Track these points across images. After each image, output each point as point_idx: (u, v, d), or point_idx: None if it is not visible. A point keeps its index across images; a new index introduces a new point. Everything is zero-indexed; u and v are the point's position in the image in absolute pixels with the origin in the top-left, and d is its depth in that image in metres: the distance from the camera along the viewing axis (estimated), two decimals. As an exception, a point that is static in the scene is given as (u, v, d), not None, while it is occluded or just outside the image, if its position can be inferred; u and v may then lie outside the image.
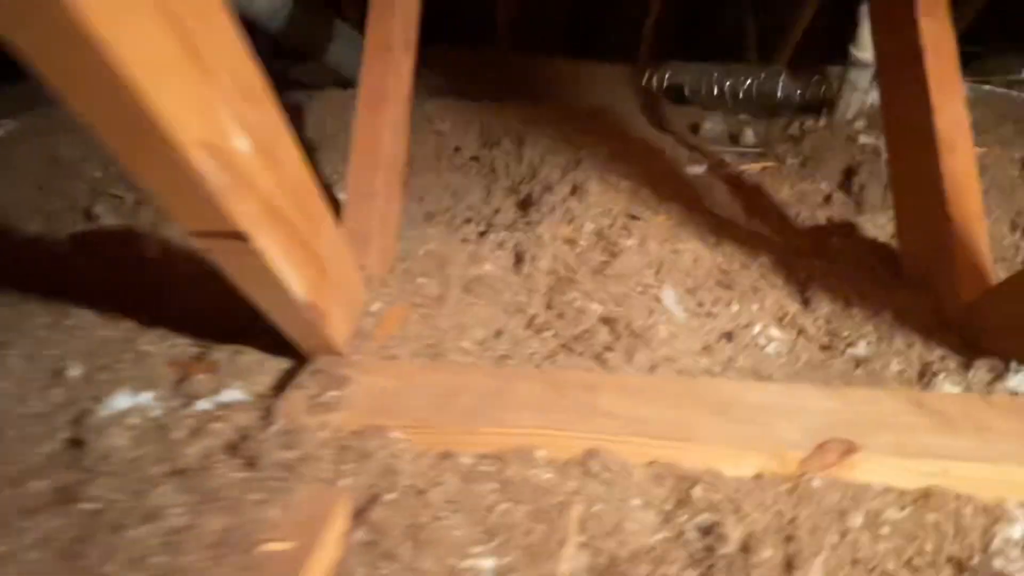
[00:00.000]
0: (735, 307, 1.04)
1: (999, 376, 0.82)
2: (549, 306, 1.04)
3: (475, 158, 1.86)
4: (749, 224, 1.45)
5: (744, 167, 1.88)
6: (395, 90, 1.03)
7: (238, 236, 0.54)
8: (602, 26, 3.16)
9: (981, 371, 0.83)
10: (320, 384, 0.76)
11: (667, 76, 2.67)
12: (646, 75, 2.70)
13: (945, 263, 0.96)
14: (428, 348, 0.89)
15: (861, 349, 0.93)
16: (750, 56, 2.91)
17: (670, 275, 1.07)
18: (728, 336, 0.97)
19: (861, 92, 2.06)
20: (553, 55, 2.77)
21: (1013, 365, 0.82)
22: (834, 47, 2.18)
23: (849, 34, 2.00)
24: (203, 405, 0.74)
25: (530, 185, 1.58)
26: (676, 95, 2.66)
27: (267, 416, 0.72)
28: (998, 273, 1.01)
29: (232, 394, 0.76)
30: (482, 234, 1.32)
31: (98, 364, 0.84)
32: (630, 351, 0.89)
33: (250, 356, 0.83)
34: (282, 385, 0.79)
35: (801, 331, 1.00)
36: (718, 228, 1.34)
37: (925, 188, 1.01)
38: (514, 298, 1.06)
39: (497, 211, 1.51)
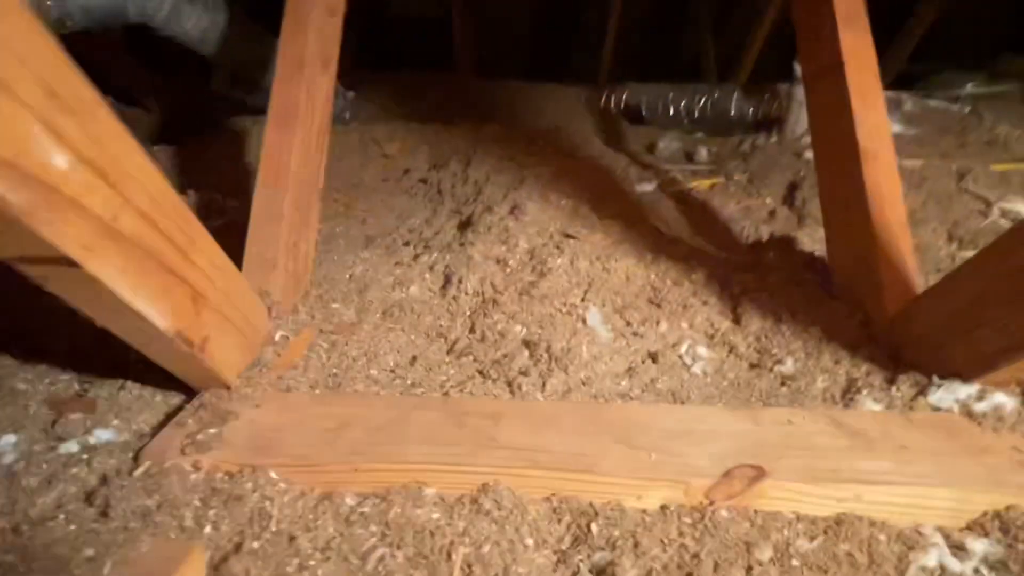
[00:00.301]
0: (663, 326, 1.00)
1: (922, 391, 0.78)
2: (472, 329, 0.99)
3: (423, 180, 1.83)
4: (693, 241, 1.42)
5: (694, 184, 1.86)
6: (307, 109, 0.99)
7: (66, 262, 0.49)
8: (564, 50, 3.17)
9: (904, 386, 0.80)
10: (200, 421, 0.70)
11: (624, 96, 2.68)
12: (604, 96, 2.71)
13: (871, 274, 0.93)
14: (331, 378, 0.83)
15: (788, 366, 0.89)
16: (710, 77, 2.94)
17: (598, 294, 1.03)
18: (653, 357, 0.92)
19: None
20: (511, 79, 2.76)
21: (935, 379, 0.78)
22: (788, 66, 2.19)
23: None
24: (70, 447, 0.68)
25: (473, 206, 1.55)
26: (635, 116, 2.66)
27: (137, 457, 0.66)
28: (929, 284, 0.99)
29: (105, 434, 0.69)
30: (417, 257, 1.27)
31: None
32: (546, 375, 0.84)
33: (134, 392, 0.77)
34: (166, 423, 0.73)
35: (731, 349, 0.96)
36: (657, 245, 1.31)
37: (850, 199, 0.98)
38: (436, 322, 1.02)
39: (438, 233, 1.47)
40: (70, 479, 0.64)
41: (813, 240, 1.28)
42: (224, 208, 1.46)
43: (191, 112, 2.28)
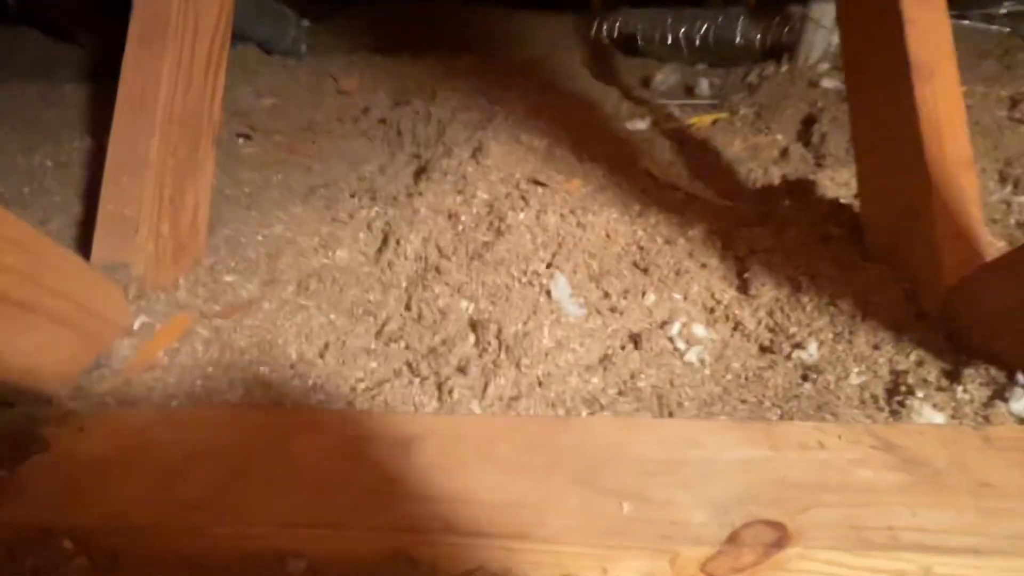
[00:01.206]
0: (650, 297, 0.77)
1: (999, 393, 0.56)
2: (408, 306, 0.77)
3: (383, 120, 1.56)
4: (691, 187, 1.18)
5: (693, 121, 1.60)
6: (183, 15, 0.73)
7: None
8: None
9: (973, 385, 0.58)
10: (-9, 456, 0.49)
11: (617, 24, 2.36)
12: (595, 24, 2.38)
13: (922, 230, 0.69)
14: (203, 382, 0.61)
15: (811, 352, 0.67)
16: (713, 1, 2.60)
17: (569, 258, 0.80)
18: (636, 340, 0.70)
19: (826, 31, 1.77)
20: (490, 6, 2.44)
21: (1020, 376, 0.56)
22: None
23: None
24: None
25: (432, 149, 1.30)
26: (629, 46, 2.35)
27: None
28: (992, 242, 0.76)
29: None
30: (356, 212, 1.03)
31: None
32: (490, 372, 0.62)
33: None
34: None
35: (737, 326, 0.74)
36: (646, 193, 1.07)
37: (895, 129, 0.73)
38: (363, 296, 0.79)
39: (390, 181, 1.22)
40: None
41: (837, 184, 1.03)
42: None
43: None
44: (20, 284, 0.50)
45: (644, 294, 0.77)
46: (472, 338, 0.69)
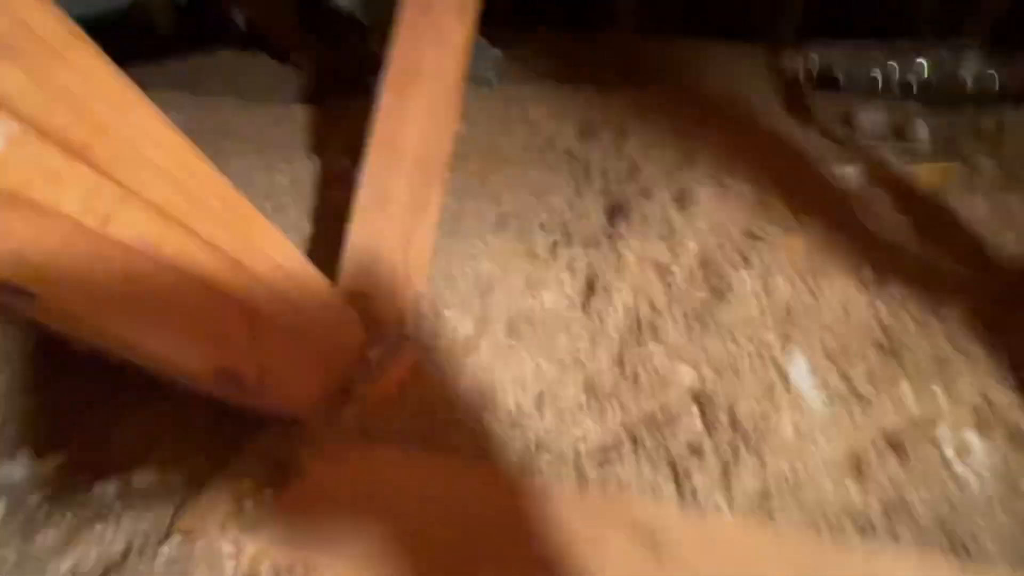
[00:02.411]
0: (904, 389, 0.66)
1: None
2: (619, 362, 0.73)
3: (568, 152, 1.56)
4: (924, 252, 1.03)
5: (915, 171, 1.41)
6: (433, 66, 0.76)
7: (11, 290, 0.31)
8: (740, 3, 2.69)
9: None
10: (255, 477, 0.52)
11: (815, 58, 2.18)
12: (788, 56, 2.22)
13: None
14: (432, 423, 0.62)
15: None
16: (926, 33, 2.32)
17: (803, 331, 0.72)
18: (894, 443, 0.60)
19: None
20: (677, 36, 2.38)
21: None
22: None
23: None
24: (106, 488, 0.53)
25: (626, 187, 1.26)
26: (826, 81, 2.16)
27: (172, 524, 0.49)
28: None
29: (145, 476, 0.54)
30: (555, 249, 1.02)
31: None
32: (730, 462, 0.56)
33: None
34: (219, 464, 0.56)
35: (1016, 438, 0.61)
36: (879, 257, 0.95)
37: None
38: (572, 345, 0.76)
39: (581, 218, 1.20)
40: (93, 540, 0.48)
41: None
42: (352, 178, 1.31)
43: (343, 74, 2.19)
44: (294, 315, 0.53)
45: (895, 385, 0.67)
46: (696, 411, 0.64)
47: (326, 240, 0.91)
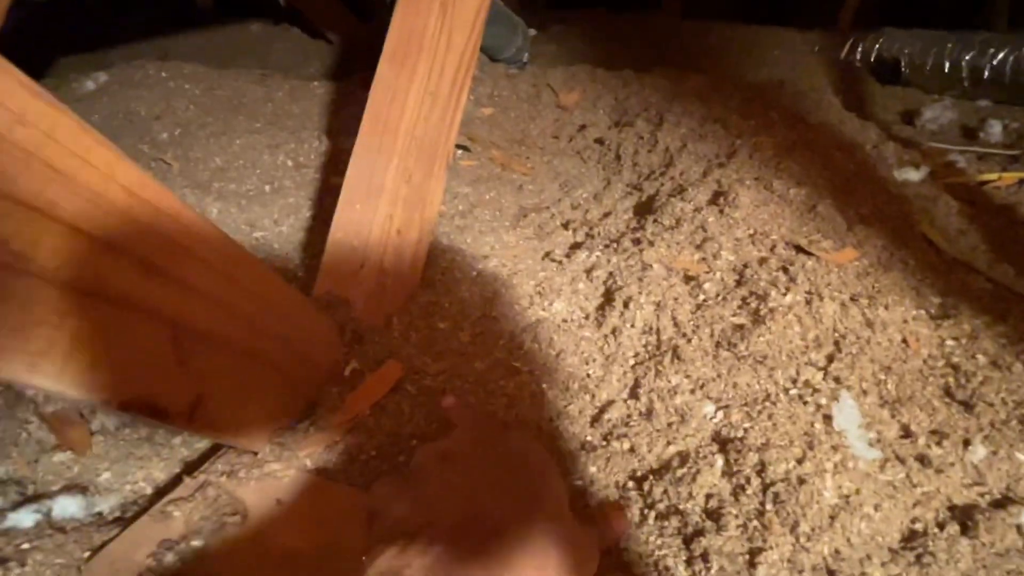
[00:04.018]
0: (979, 451, 0.55)
1: None
2: (634, 391, 0.63)
3: (600, 140, 1.44)
4: (1002, 275, 0.89)
5: (989, 176, 1.25)
6: (437, 34, 0.66)
7: None
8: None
9: None
10: (189, 516, 0.44)
11: (877, 46, 1.99)
12: (848, 44, 2.03)
13: None
14: (407, 459, 0.53)
15: None
16: (999, 22, 2.10)
17: (855, 370, 0.60)
18: (961, 517, 0.49)
19: None
20: (726, 20, 2.22)
21: None
22: None
23: None
24: (21, 519, 0.46)
25: (659, 182, 1.14)
26: (887, 72, 1.96)
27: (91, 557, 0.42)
28: None
29: (71, 505, 0.47)
30: (573, 251, 0.92)
31: None
32: (757, 534, 0.46)
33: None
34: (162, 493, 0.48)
35: (1119, 521, 0.50)
36: (947, 276, 0.82)
37: None
38: (581, 367, 0.67)
39: (607, 215, 1.09)
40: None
41: None
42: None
43: (375, 49, 2.11)
44: (248, 332, 0.45)
45: (968, 444, 0.55)
46: (721, 462, 0.53)
47: (327, 229, 0.83)
